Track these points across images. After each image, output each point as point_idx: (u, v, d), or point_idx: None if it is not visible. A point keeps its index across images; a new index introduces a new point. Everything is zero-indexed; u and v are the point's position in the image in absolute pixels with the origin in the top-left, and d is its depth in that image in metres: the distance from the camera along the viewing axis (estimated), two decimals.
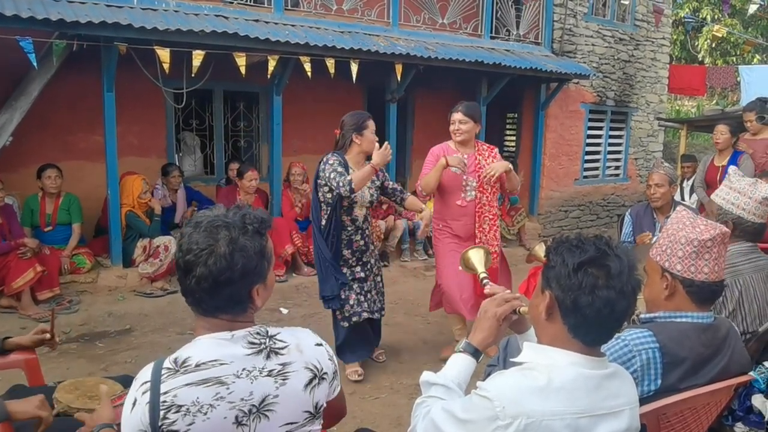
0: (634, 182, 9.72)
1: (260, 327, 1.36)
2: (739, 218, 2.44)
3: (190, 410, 1.21)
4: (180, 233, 1.32)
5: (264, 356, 1.31)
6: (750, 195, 2.49)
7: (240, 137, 7.16)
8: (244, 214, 1.32)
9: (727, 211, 2.48)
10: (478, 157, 3.94)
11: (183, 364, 1.25)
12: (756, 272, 2.38)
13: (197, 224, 1.29)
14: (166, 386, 1.22)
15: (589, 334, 1.32)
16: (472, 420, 1.28)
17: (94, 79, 5.47)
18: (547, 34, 8.12)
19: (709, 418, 1.84)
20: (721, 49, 16.42)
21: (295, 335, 1.40)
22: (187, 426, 1.21)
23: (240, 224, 1.29)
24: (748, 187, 2.51)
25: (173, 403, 1.21)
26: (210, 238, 1.26)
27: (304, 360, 1.36)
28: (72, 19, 4.53)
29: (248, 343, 1.31)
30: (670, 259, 1.79)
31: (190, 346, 1.30)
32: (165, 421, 1.20)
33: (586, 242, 1.33)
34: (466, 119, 3.86)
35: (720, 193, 2.61)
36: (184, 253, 1.27)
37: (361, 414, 3.28)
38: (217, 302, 1.29)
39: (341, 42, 5.83)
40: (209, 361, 1.26)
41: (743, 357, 1.88)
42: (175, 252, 1.29)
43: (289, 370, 1.33)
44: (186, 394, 1.22)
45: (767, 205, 2.48)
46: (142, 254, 5.40)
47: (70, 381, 2.04)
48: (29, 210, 5.14)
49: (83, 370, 3.73)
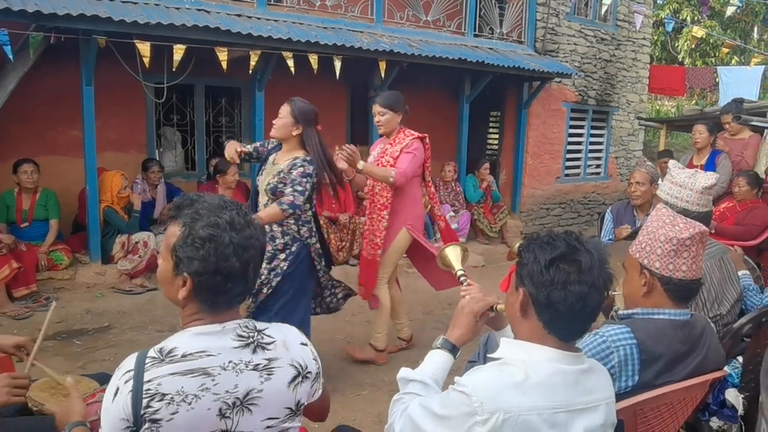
0: (614, 181, 9.83)
1: (249, 321, 1.36)
2: (685, 210, 2.49)
3: (174, 399, 1.20)
4: (208, 233, 1.27)
5: (251, 350, 1.31)
6: (691, 187, 2.55)
7: (222, 133, 7.09)
8: (239, 208, 1.35)
9: (672, 205, 2.52)
10: (386, 146, 3.91)
11: (169, 354, 1.24)
12: (710, 259, 2.45)
13: (215, 224, 1.28)
14: (150, 375, 1.21)
15: (563, 328, 1.34)
16: (449, 416, 1.29)
17: (73, 72, 5.38)
18: (529, 32, 8.17)
19: (684, 413, 1.87)
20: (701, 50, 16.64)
21: (282, 332, 1.40)
22: (171, 415, 1.20)
23: (244, 220, 1.33)
24: (688, 179, 2.58)
25: (157, 392, 1.20)
26: (240, 235, 1.29)
27: (290, 357, 1.37)
28: (49, 11, 4.44)
29: (237, 335, 1.31)
30: (649, 257, 1.81)
31: (177, 336, 1.30)
32: (148, 410, 1.19)
33: (556, 239, 1.35)
34: (384, 110, 3.86)
35: (664, 188, 2.67)
36: (216, 247, 1.26)
37: (342, 411, 3.28)
38: (233, 296, 1.33)
39: (324, 38, 5.81)
40: (196, 352, 1.26)
41: (718, 354, 1.91)
42: (200, 252, 1.26)
43: (274, 366, 1.33)
44: (170, 383, 1.21)
45: (708, 194, 2.56)
46: (120, 250, 5.33)
47: (45, 379, 2.00)
48: (5, 206, 5.04)
49: (60, 368, 3.65)
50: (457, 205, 7.47)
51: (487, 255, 7.25)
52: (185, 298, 1.30)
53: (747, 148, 5.77)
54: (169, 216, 1.36)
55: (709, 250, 2.46)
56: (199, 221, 1.28)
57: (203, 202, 1.33)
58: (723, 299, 2.45)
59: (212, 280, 1.27)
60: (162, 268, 1.35)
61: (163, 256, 1.35)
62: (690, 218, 2.36)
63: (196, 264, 1.26)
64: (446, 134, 8.18)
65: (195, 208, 1.31)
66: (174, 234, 1.30)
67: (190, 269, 1.27)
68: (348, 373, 3.80)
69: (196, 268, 1.26)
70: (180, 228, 1.29)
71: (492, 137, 9.54)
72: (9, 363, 2.21)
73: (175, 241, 1.29)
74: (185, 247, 1.27)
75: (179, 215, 1.32)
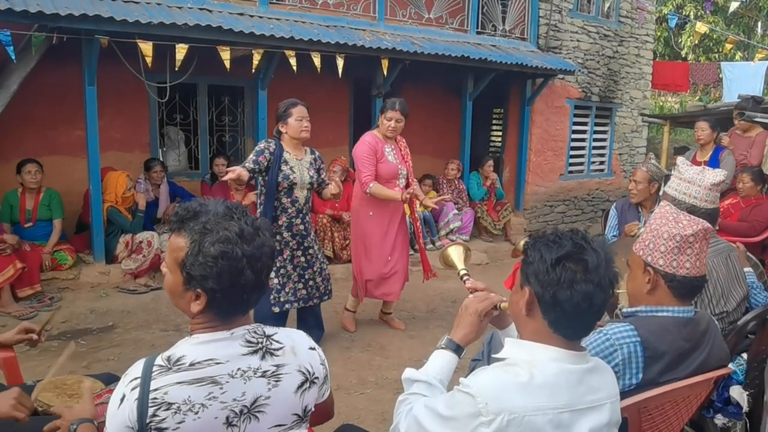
0: (618, 177, 9.80)
1: (257, 326, 1.35)
2: (693, 207, 2.49)
3: (181, 409, 1.19)
4: (219, 250, 1.23)
5: (259, 356, 1.30)
6: (699, 183, 2.55)
7: (225, 132, 7.09)
8: (245, 215, 1.32)
9: (680, 202, 2.52)
10: (401, 149, 4.36)
11: (176, 363, 1.23)
12: (716, 256, 2.45)
13: (226, 240, 1.24)
14: (156, 383, 1.20)
15: (569, 328, 1.33)
16: (454, 416, 1.29)
17: (76, 72, 5.39)
18: (532, 29, 8.14)
19: (689, 410, 1.86)
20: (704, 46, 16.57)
21: (290, 337, 1.39)
22: (177, 424, 1.19)
23: (253, 228, 1.30)
24: (697, 176, 2.57)
25: (164, 401, 1.19)
26: (251, 246, 1.26)
27: (298, 363, 1.36)
28: (51, 11, 4.44)
29: (246, 341, 1.30)
30: (653, 254, 1.80)
31: (184, 344, 1.28)
32: (154, 419, 1.19)
33: (563, 237, 1.34)
34: (402, 118, 4.20)
35: (671, 185, 2.66)
36: (230, 263, 1.23)
37: (346, 410, 3.28)
38: (249, 305, 1.31)
39: (327, 36, 5.80)
40: (204, 360, 1.24)
41: (722, 350, 1.90)
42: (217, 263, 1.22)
43: (282, 372, 1.32)
44: (177, 392, 1.20)
45: (716, 190, 2.55)
46: (124, 250, 5.34)
47: (50, 380, 2.01)
48: (8, 206, 5.05)
49: (64, 368, 3.66)
50: (460, 202, 7.47)
51: (490, 252, 7.25)
52: (199, 312, 1.27)
53: (753, 146, 5.71)
54: (171, 227, 1.31)
55: (716, 247, 2.45)
56: (207, 236, 1.23)
57: (208, 212, 1.28)
58: (729, 296, 2.44)
59: (227, 296, 1.25)
60: (170, 281, 1.31)
61: (170, 268, 1.31)
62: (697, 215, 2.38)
63: (211, 282, 1.23)
64: (449, 132, 8.17)
65: (201, 221, 1.26)
66: (180, 248, 1.26)
67: (203, 286, 1.24)
68: (352, 371, 3.80)
69: (210, 285, 1.23)
70: (187, 243, 1.25)
71: (495, 135, 9.51)
72: (15, 363, 2.22)
73: (183, 256, 1.25)
74: (196, 265, 1.23)
75: (183, 228, 1.27)
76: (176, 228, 1.29)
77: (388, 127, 4.17)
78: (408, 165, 4.35)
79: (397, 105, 4.16)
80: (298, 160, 3.81)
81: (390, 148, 4.25)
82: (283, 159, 3.73)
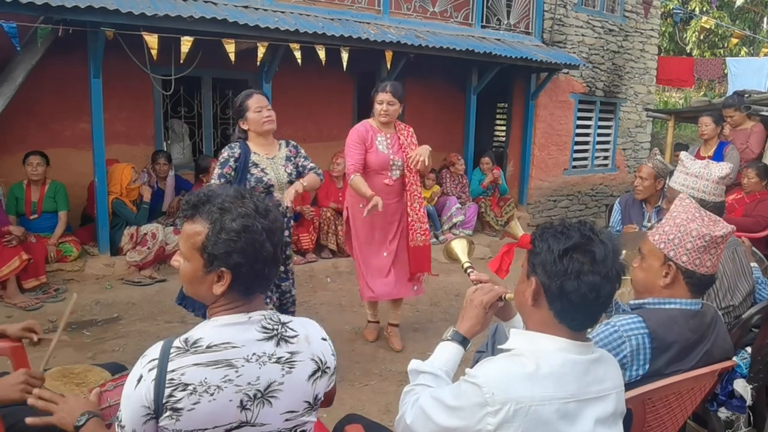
0: (622, 172, 9.79)
1: (273, 313, 1.38)
2: (701, 201, 2.48)
3: (197, 390, 1.22)
4: (241, 224, 1.28)
5: (274, 343, 1.33)
6: (706, 177, 2.55)
7: (229, 125, 7.09)
8: (256, 194, 1.39)
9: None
10: (400, 137, 3.93)
11: (194, 344, 1.25)
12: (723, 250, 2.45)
13: (246, 215, 1.29)
14: (174, 364, 1.22)
15: (575, 318, 1.34)
16: (461, 407, 1.30)
17: (81, 65, 5.39)
18: (537, 23, 8.12)
19: (693, 402, 1.87)
20: (709, 41, 16.50)
21: (305, 326, 1.41)
22: (192, 405, 1.21)
23: (265, 204, 1.36)
24: (703, 170, 2.57)
25: (180, 382, 1.21)
26: (267, 219, 1.32)
27: (311, 351, 1.38)
28: (57, 3, 4.44)
29: (262, 327, 1.33)
30: (677, 250, 1.79)
31: (203, 327, 1.31)
32: (170, 399, 1.21)
33: (570, 228, 1.34)
34: (395, 100, 3.81)
35: (678, 180, 2.65)
36: (252, 236, 1.28)
37: (351, 401, 3.30)
38: (268, 280, 1.37)
39: (331, 29, 5.79)
40: (221, 343, 1.27)
41: (726, 342, 1.91)
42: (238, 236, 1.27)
43: (296, 360, 1.34)
44: (194, 373, 1.22)
45: (723, 183, 2.55)
46: (129, 242, 5.36)
47: (57, 368, 2.02)
48: (14, 198, 5.07)
49: (70, 359, 3.70)
50: (463, 197, 7.46)
51: (493, 247, 7.24)
52: (222, 293, 1.30)
53: (751, 136, 5.81)
54: (184, 215, 1.33)
55: None
56: (227, 214, 1.28)
57: (220, 195, 1.32)
58: (736, 290, 2.45)
59: (252, 270, 1.29)
60: (188, 269, 1.33)
61: (186, 256, 1.33)
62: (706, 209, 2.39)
63: (235, 257, 1.27)
64: (453, 126, 8.16)
65: (216, 202, 1.30)
66: (197, 232, 1.29)
67: (228, 263, 1.27)
68: (356, 363, 3.82)
69: (235, 260, 1.27)
70: (206, 225, 1.28)
71: (499, 129, 9.51)
72: (22, 352, 2.24)
73: (202, 239, 1.28)
74: (219, 243, 1.26)
75: (198, 213, 1.30)
76: (190, 215, 1.32)
77: (380, 111, 3.81)
78: (406, 155, 3.88)
79: (388, 87, 3.81)
80: (270, 159, 3.25)
81: (383, 137, 3.87)
82: (251, 162, 3.19)
